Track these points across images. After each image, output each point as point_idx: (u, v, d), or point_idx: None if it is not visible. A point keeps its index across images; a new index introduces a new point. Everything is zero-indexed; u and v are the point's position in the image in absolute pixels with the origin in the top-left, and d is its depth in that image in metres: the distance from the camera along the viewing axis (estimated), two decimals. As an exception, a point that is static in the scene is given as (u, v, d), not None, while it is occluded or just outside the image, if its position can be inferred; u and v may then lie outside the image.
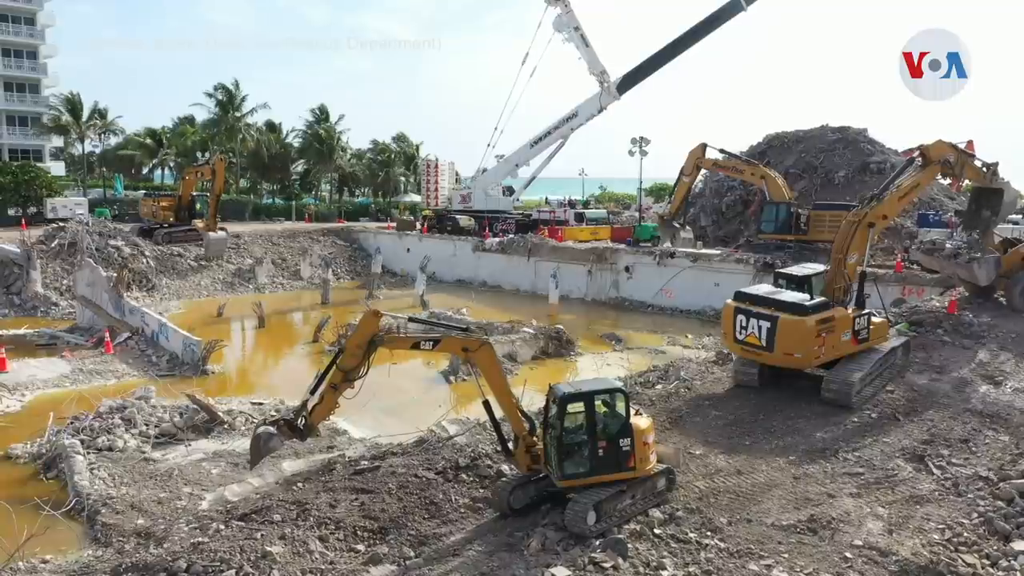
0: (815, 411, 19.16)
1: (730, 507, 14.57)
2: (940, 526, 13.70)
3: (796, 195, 44.24)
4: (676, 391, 21.82)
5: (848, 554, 12.74)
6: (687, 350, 31.80)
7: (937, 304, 26.38)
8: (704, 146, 42.00)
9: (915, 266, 33.82)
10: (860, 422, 18.45)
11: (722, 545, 13.05)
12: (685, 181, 43.08)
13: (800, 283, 20.92)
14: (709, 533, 13.48)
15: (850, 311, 20.27)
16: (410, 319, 16.09)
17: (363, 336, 13.86)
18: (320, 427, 16.16)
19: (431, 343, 14.44)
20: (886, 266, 36.36)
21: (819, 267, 22.14)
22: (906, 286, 33.37)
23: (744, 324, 19.97)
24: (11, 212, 60.22)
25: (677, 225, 45.35)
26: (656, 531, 13.49)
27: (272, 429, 14.18)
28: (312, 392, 14.20)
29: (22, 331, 34.58)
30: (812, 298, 19.96)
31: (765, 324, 19.47)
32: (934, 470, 15.96)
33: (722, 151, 42.44)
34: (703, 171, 47.01)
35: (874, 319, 20.94)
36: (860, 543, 13.05)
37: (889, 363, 20.76)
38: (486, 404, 14.69)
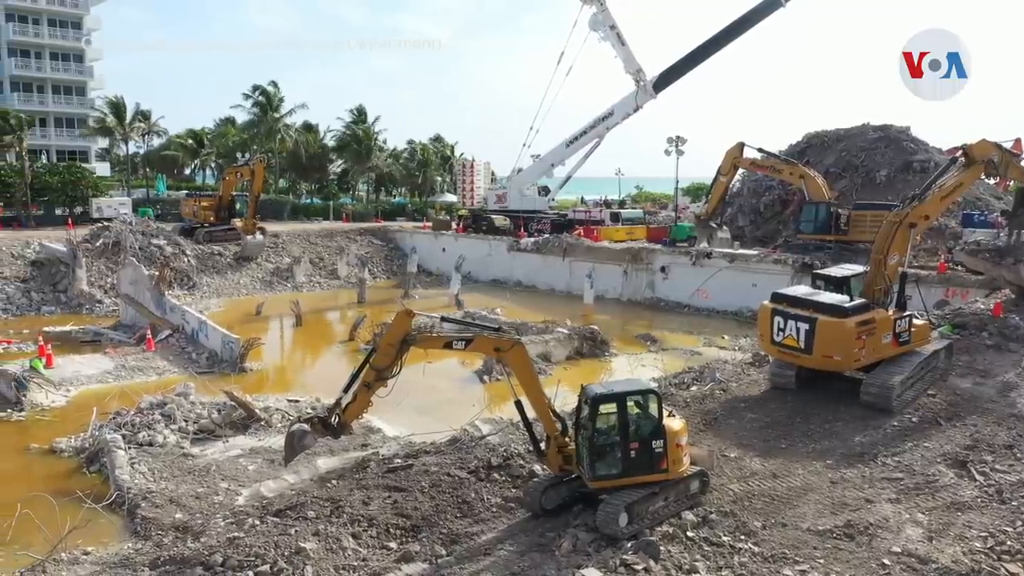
0: (853, 414, 18.80)
1: (765, 511, 14.36)
2: (982, 534, 13.34)
3: (836, 195, 43.58)
4: (711, 393, 21.59)
5: (886, 561, 12.46)
6: (723, 351, 31.46)
7: (982, 306, 25.72)
8: (742, 145, 41.57)
9: (959, 267, 33.08)
10: (900, 426, 18.07)
11: (756, 549, 12.87)
12: (722, 181, 42.67)
13: (839, 284, 20.57)
14: (743, 537, 13.30)
15: (891, 313, 19.88)
16: (443, 319, 16.18)
17: (396, 335, 13.96)
18: (354, 425, 16.32)
19: (463, 343, 14.49)
20: (929, 267, 35.60)
21: (858, 268, 21.73)
22: (950, 288, 32.68)
23: (781, 326, 19.66)
24: (58, 212, 61.81)
25: (714, 225, 44.93)
26: (689, 534, 13.36)
27: (306, 427, 14.38)
28: (345, 391, 14.34)
29: (68, 328, 35.45)
30: (852, 299, 19.61)
31: (803, 326, 19.14)
32: (977, 476, 15.55)
33: (760, 150, 41.97)
34: (741, 170, 46.55)
35: (916, 321, 20.51)
36: (899, 550, 12.76)
37: (931, 366, 20.29)
38: (518, 404, 14.70)
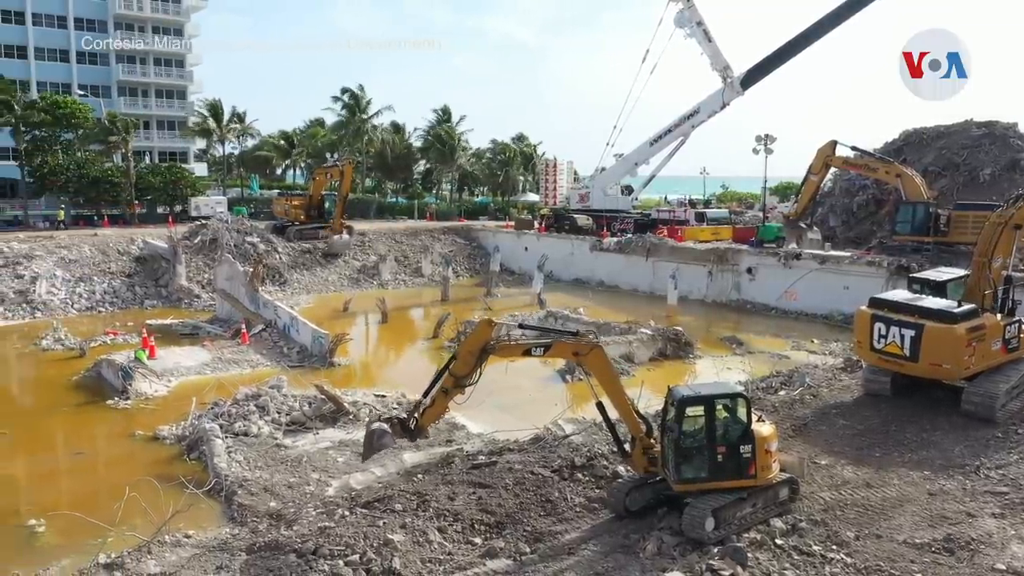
0: (953, 424, 18.06)
1: (858, 521, 13.93)
2: (1096, 554, 12.61)
3: (935, 194, 41.72)
4: (801, 398, 21.07)
5: (989, 578, 11.94)
6: (813, 355, 30.54)
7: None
8: (834, 143, 40.38)
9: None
10: (1005, 437, 17.23)
11: (849, 560, 12.49)
12: (813, 180, 41.55)
13: (938, 288, 19.76)
14: (835, 547, 12.92)
15: (999, 318, 18.98)
16: (520, 325, 16.26)
17: (476, 344, 14.14)
18: (440, 422, 16.59)
19: (542, 349, 14.57)
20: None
21: (958, 271, 20.82)
22: (1060, 293, 30.85)
23: (883, 332, 18.98)
24: (160, 210, 64.87)
25: (804, 225, 43.76)
26: (778, 541, 13.07)
27: (385, 426, 14.66)
28: (425, 395, 14.61)
29: (168, 321, 37.25)
30: (960, 304, 18.77)
31: (908, 332, 18.43)
32: (1090, 493, 14.70)
33: (854, 148, 40.68)
34: (833, 169, 45.14)
35: (1024, 327, 19.54)
36: (1003, 567, 12.18)
37: (1039, 375, 19.27)
38: (599, 406, 14.70)
